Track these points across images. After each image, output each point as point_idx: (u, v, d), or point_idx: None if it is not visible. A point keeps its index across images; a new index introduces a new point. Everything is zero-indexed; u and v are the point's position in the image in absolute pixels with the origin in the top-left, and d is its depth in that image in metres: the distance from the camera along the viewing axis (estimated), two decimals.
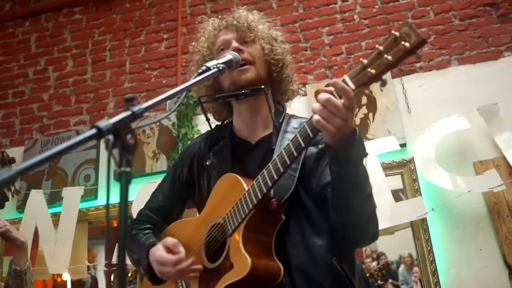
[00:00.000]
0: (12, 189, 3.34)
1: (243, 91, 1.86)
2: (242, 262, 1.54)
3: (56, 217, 4.33)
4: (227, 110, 2.07)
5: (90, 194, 4.54)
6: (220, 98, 1.95)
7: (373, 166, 3.63)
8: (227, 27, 1.99)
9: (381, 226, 1.74)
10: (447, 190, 3.73)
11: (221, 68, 1.65)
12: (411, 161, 3.96)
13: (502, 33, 4.33)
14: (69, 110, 5.19)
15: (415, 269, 3.75)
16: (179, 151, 4.27)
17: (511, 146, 3.72)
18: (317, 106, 1.42)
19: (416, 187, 3.87)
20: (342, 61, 4.62)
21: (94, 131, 1.12)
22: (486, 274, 3.57)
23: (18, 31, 5.74)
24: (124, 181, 1.16)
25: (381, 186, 3.62)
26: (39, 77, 5.44)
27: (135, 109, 1.24)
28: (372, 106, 4.27)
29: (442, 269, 3.65)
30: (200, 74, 1.60)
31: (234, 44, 1.90)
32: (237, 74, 1.84)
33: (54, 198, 4.56)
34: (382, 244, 4.19)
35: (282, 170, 1.55)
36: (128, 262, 1.80)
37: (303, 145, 1.50)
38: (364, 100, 4.31)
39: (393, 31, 1.32)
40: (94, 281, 4.63)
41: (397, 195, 3.92)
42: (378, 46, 1.34)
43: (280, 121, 1.92)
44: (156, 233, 1.96)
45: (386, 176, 3.81)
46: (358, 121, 4.22)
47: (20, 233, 2.75)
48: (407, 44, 1.27)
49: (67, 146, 1.04)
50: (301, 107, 4.38)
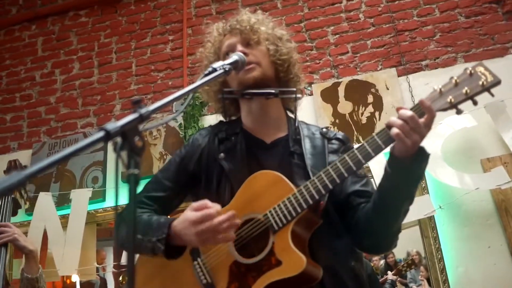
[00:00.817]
0: (24, 196, 3.32)
1: (274, 91, 1.91)
2: (295, 260, 1.56)
3: (64, 219, 4.34)
4: (235, 109, 2.09)
5: (98, 196, 4.56)
6: (247, 95, 1.94)
7: (380, 165, 3.62)
8: (231, 31, 2.00)
9: None
10: (455, 187, 3.72)
11: (227, 69, 1.66)
12: None
13: (508, 30, 4.31)
14: (76, 113, 5.21)
15: (422, 268, 3.73)
16: None
17: None
18: (397, 120, 1.53)
19: (423, 185, 3.86)
20: (347, 60, 4.62)
21: (102, 134, 1.13)
22: (495, 272, 3.55)
23: (25, 35, 5.77)
24: (132, 183, 1.17)
25: None
26: (46, 80, 5.47)
27: (143, 111, 1.25)
28: (378, 104, 4.26)
29: (451, 267, 3.64)
30: (206, 75, 1.61)
31: (239, 48, 1.91)
32: (243, 74, 1.86)
33: (62, 200, 4.58)
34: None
35: (346, 175, 1.62)
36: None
37: (373, 154, 1.60)
38: (370, 98, 4.30)
39: (468, 68, 1.53)
40: (103, 282, 4.65)
41: None
42: (454, 78, 1.54)
43: (295, 125, 1.98)
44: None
45: None
46: (364, 120, 4.22)
47: (29, 240, 2.73)
48: (485, 82, 1.49)
49: (76, 149, 1.05)
50: (307, 107, 4.38)
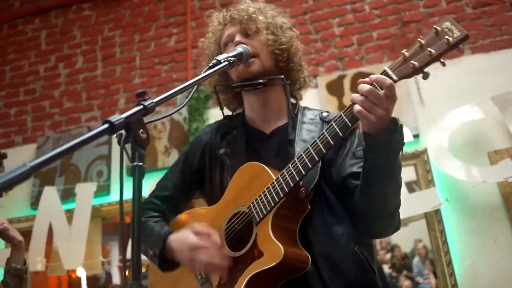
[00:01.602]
0: None
1: (261, 81, 1.86)
2: (274, 250, 1.54)
3: (69, 213, 4.35)
4: (237, 102, 2.08)
5: (103, 190, 4.56)
6: (236, 87, 1.93)
7: None
8: (231, 21, 1.98)
9: None
10: (461, 180, 3.70)
11: (231, 61, 1.65)
12: (425, 152, 3.92)
13: None
14: (80, 107, 5.20)
15: (428, 262, 3.72)
16: None
17: None
18: (357, 96, 1.45)
19: (429, 178, 3.84)
20: (353, 52, 4.59)
21: (106, 126, 1.12)
22: (502, 265, 3.53)
23: (28, 29, 5.76)
24: (137, 175, 1.16)
25: None
26: (50, 74, 5.46)
27: (147, 103, 1.24)
28: None
29: (457, 260, 3.62)
30: (210, 67, 1.60)
31: (237, 38, 1.89)
32: (242, 68, 1.84)
33: (67, 195, 4.58)
34: (396, 236, 4.16)
35: (317, 158, 1.57)
36: (143, 257, 1.80)
37: (341, 134, 1.52)
38: None
39: (435, 26, 1.41)
40: (109, 276, 4.66)
41: (410, 187, 3.90)
42: (419, 39, 1.42)
43: (295, 112, 1.95)
44: (165, 222, 1.94)
45: None
46: None
47: (17, 232, 2.71)
48: (451, 38, 1.37)
49: (80, 141, 1.04)
50: (312, 99, 4.36)
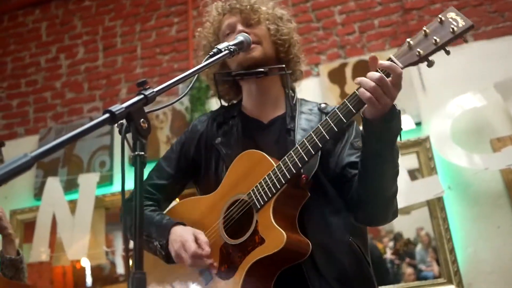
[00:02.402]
0: None
1: (262, 69, 1.87)
2: (276, 236, 1.55)
3: (73, 204, 4.37)
4: (234, 92, 2.08)
5: (106, 180, 4.58)
6: (237, 76, 1.93)
7: None
8: (231, 11, 1.97)
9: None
10: (464, 168, 3.70)
11: (232, 50, 1.65)
12: (427, 139, 3.92)
13: None
14: (82, 97, 5.20)
15: (434, 247, 3.73)
16: None
17: None
18: (369, 82, 1.46)
19: (432, 166, 3.84)
20: (355, 40, 4.57)
21: (107, 116, 1.12)
22: (504, 252, 3.54)
23: (28, 20, 5.74)
24: (138, 164, 1.16)
25: None
26: (51, 65, 5.45)
27: (147, 92, 1.24)
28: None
29: (460, 247, 3.62)
30: (211, 56, 1.59)
31: (239, 27, 1.89)
32: (244, 54, 1.83)
33: (70, 185, 4.59)
34: (399, 223, 4.16)
35: (320, 145, 1.58)
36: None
37: (345, 120, 1.54)
38: None
39: (439, 15, 1.45)
40: (113, 266, 4.68)
41: (412, 174, 3.89)
42: (424, 28, 1.45)
43: (293, 102, 1.95)
44: (160, 211, 1.94)
45: (401, 155, 3.75)
46: None
47: (9, 224, 2.70)
48: (456, 28, 1.41)
49: (81, 131, 1.05)
50: (314, 88, 4.35)
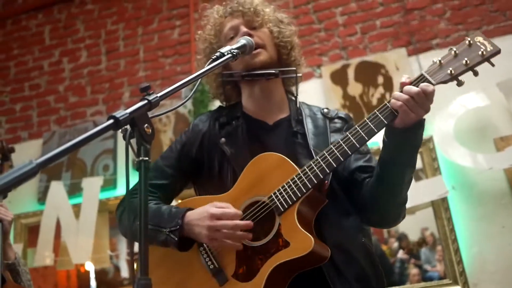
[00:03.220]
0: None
1: (274, 71, 1.90)
2: (303, 240, 1.57)
3: (77, 207, 4.37)
4: (235, 94, 2.08)
5: (110, 184, 4.58)
6: (248, 76, 1.93)
7: None
8: (232, 14, 1.98)
9: None
10: (468, 167, 3.70)
11: (235, 53, 1.65)
12: (430, 139, 3.91)
13: None
14: (85, 101, 5.21)
15: (439, 248, 3.72)
16: None
17: None
18: (404, 96, 1.55)
19: (435, 166, 3.84)
20: (356, 41, 4.56)
21: (111, 122, 1.12)
22: (509, 252, 3.53)
23: (32, 24, 5.76)
24: (143, 170, 1.16)
25: None
26: (54, 69, 5.47)
27: (151, 98, 1.24)
28: (388, 85, 4.22)
29: (465, 247, 3.62)
30: (214, 60, 1.59)
31: (243, 29, 1.90)
32: (250, 57, 1.84)
33: (74, 189, 4.60)
34: (403, 224, 4.15)
35: (349, 153, 1.63)
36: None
37: (376, 130, 1.61)
38: (380, 80, 4.26)
39: (467, 37, 1.58)
40: (117, 270, 4.68)
41: (416, 175, 3.89)
42: (454, 49, 1.58)
43: (297, 106, 1.98)
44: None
45: None
46: (375, 101, 4.18)
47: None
48: (485, 52, 1.54)
49: (86, 137, 1.05)
50: (316, 89, 4.36)
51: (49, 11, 5.75)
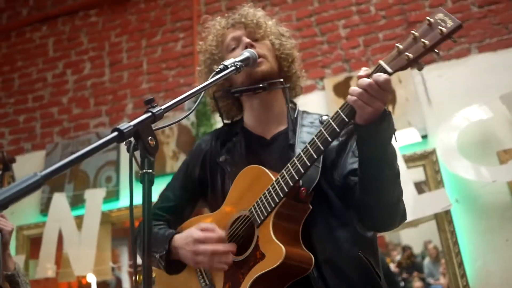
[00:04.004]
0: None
1: (261, 85, 1.87)
2: (275, 250, 1.53)
3: (79, 219, 4.37)
4: (236, 109, 2.08)
5: (112, 195, 4.58)
6: (236, 93, 1.94)
7: None
8: (235, 25, 1.99)
9: None
10: (471, 180, 3.69)
11: (238, 66, 1.65)
12: (433, 152, 3.91)
13: None
14: (88, 113, 5.23)
15: (442, 261, 3.71)
16: None
17: None
18: (356, 89, 1.48)
19: (439, 179, 3.83)
20: (359, 53, 4.58)
21: (115, 134, 1.12)
22: None
23: (36, 36, 5.80)
24: (147, 182, 1.16)
25: (403, 178, 3.54)
26: (58, 80, 5.49)
27: (155, 110, 1.24)
28: (391, 98, 4.22)
29: (468, 261, 3.60)
30: (218, 72, 1.59)
31: (245, 39, 1.91)
32: (251, 68, 1.83)
33: (76, 201, 4.60)
34: (407, 237, 4.15)
35: (315, 156, 1.57)
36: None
37: (338, 130, 1.53)
38: None
39: (427, 17, 1.41)
40: (119, 282, 4.67)
41: (419, 188, 3.88)
42: (413, 32, 1.43)
43: (295, 116, 1.95)
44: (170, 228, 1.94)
45: (408, 168, 3.78)
46: None
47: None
48: (444, 29, 1.36)
49: (89, 150, 1.05)
50: (319, 101, 4.37)
51: (53, 23, 5.79)
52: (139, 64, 5.26)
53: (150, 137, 1.18)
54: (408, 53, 1.42)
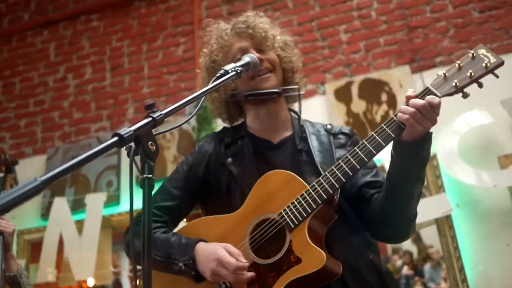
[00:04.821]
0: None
1: (277, 90, 1.94)
2: (315, 255, 1.58)
3: (80, 224, 4.37)
4: (238, 113, 2.12)
5: (113, 200, 4.57)
6: (251, 96, 1.96)
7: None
8: (240, 34, 2.00)
9: None
10: (472, 185, 3.68)
11: (239, 71, 1.66)
12: (434, 157, 3.90)
13: None
14: (89, 117, 5.23)
15: (443, 266, 3.70)
16: None
17: None
18: (410, 109, 1.57)
19: (439, 184, 3.82)
20: (360, 58, 4.58)
21: (115, 139, 1.13)
22: None
23: (37, 41, 5.81)
24: (147, 187, 1.16)
25: None
26: (59, 85, 5.49)
27: (156, 115, 1.25)
28: (392, 103, 4.22)
29: (469, 265, 3.59)
30: (219, 77, 1.60)
31: (255, 53, 1.90)
32: (259, 82, 1.90)
33: (77, 205, 4.60)
34: (407, 241, 4.14)
35: (358, 167, 1.63)
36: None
37: (384, 144, 1.61)
38: (384, 97, 4.26)
39: (471, 51, 1.57)
40: (119, 286, 4.66)
41: None
42: (458, 62, 1.58)
43: (300, 124, 2.02)
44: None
45: None
46: (378, 118, 4.18)
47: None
48: (488, 64, 1.53)
49: (90, 155, 1.05)
50: (320, 106, 4.37)
51: (54, 28, 5.80)
52: (140, 68, 5.27)
53: (150, 142, 1.19)
54: (456, 81, 1.55)
